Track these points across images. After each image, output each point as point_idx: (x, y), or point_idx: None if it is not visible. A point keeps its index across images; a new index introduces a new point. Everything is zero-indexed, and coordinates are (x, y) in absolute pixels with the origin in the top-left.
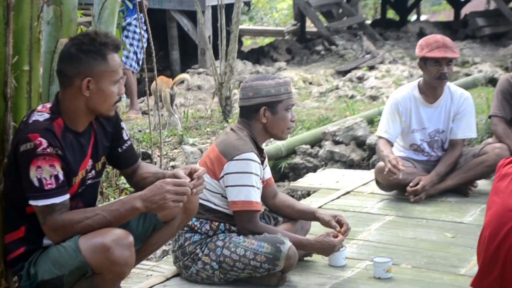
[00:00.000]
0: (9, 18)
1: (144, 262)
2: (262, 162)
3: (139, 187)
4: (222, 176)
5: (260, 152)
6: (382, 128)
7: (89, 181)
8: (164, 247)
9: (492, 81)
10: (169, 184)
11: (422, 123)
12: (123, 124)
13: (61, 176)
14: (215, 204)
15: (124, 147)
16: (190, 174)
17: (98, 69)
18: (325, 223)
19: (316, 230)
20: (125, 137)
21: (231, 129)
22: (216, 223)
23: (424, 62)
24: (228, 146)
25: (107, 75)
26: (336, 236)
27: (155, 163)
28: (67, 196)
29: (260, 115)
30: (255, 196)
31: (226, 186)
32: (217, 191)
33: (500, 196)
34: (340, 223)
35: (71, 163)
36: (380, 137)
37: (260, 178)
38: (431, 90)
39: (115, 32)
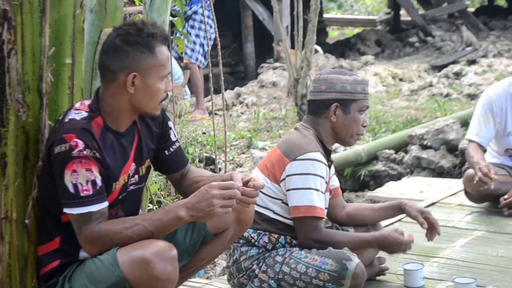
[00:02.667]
0: (45, 5)
1: (196, 279)
2: (329, 167)
3: (190, 193)
4: (284, 179)
5: (327, 154)
6: (473, 130)
7: (132, 187)
8: (223, 263)
9: None
10: (215, 188)
11: None
12: (170, 124)
13: (98, 182)
14: (274, 212)
15: (172, 149)
16: (247, 183)
17: (145, 64)
18: (411, 217)
19: None
20: (173, 138)
21: (295, 128)
22: (276, 236)
23: None
24: (291, 145)
25: (155, 70)
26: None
27: (220, 170)
28: (105, 204)
29: (331, 112)
30: (319, 201)
31: (288, 190)
32: (277, 196)
33: None
34: (428, 220)
35: (110, 167)
36: (470, 141)
37: (326, 182)
38: None
39: (168, 21)
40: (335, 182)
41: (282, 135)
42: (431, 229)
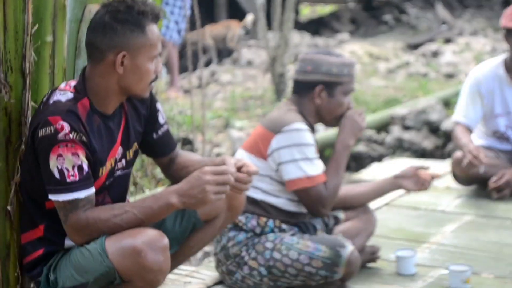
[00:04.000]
0: None
1: (181, 267)
2: None
3: (179, 178)
4: (271, 153)
5: (311, 130)
6: (460, 112)
7: (119, 172)
8: (205, 248)
9: None
10: (207, 174)
11: (508, 106)
12: (159, 106)
13: (85, 167)
14: (262, 191)
15: (160, 132)
16: (240, 168)
17: (135, 43)
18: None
19: (382, 232)
20: (162, 121)
21: (277, 107)
22: (264, 219)
23: (508, 33)
24: (273, 119)
25: (145, 49)
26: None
27: (197, 150)
28: (92, 190)
29: (315, 94)
30: (314, 168)
31: (279, 164)
32: (264, 173)
33: None
34: (423, 182)
35: (97, 151)
36: (457, 123)
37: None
38: None
39: None
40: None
41: (260, 114)
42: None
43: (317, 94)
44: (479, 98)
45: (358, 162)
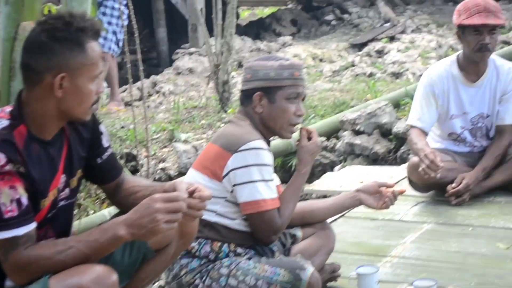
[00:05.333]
0: None
1: None
2: None
3: (126, 205)
4: (227, 174)
5: (268, 145)
6: (414, 115)
7: (62, 203)
8: (160, 282)
9: None
10: (158, 201)
11: (463, 107)
12: (102, 128)
13: (24, 200)
14: (216, 214)
15: (104, 157)
16: (192, 193)
17: (75, 62)
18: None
19: (340, 246)
20: (106, 144)
21: (230, 122)
22: (218, 244)
23: (462, 31)
24: (229, 137)
25: (86, 69)
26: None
27: (142, 166)
28: (32, 225)
29: (255, 102)
30: (270, 192)
31: (234, 185)
32: (219, 194)
33: None
34: (386, 201)
35: (38, 182)
36: (412, 126)
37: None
38: (472, 66)
39: (90, 10)
40: (276, 180)
41: (205, 125)
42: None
43: (257, 102)
44: (433, 99)
45: None
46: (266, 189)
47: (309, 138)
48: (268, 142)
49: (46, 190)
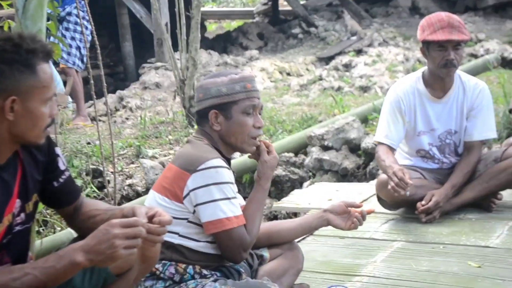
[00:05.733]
0: None
1: None
2: None
3: (85, 229)
4: (187, 194)
5: (228, 163)
6: (381, 131)
7: (18, 228)
8: None
9: (506, 63)
10: (116, 227)
11: (430, 123)
12: (58, 151)
13: None
14: (179, 235)
15: (61, 180)
16: (152, 218)
17: (26, 85)
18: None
19: (309, 265)
20: (62, 167)
21: (188, 142)
22: (183, 266)
23: (426, 47)
24: (188, 157)
25: (37, 92)
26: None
27: (109, 182)
28: None
29: (211, 121)
30: (234, 209)
31: (196, 205)
32: (181, 216)
33: None
34: (354, 221)
35: None
36: (379, 143)
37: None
38: (438, 82)
39: (44, 29)
40: (241, 200)
41: (172, 141)
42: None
43: (214, 120)
44: (400, 116)
45: (277, 186)
46: (229, 207)
47: (268, 152)
48: (229, 160)
49: (1, 215)
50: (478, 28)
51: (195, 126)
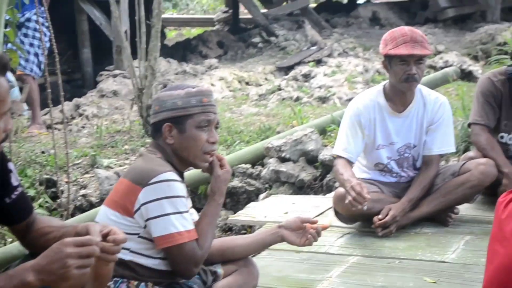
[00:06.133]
0: None
1: None
2: None
3: (37, 247)
4: (138, 209)
5: (181, 177)
6: (340, 145)
7: None
8: None
9: (464, 75)
10: (69, 246)
11: (390, 137)
12: (11, 166)
13: None
14: (130, 251)
15: (13, 196)
16: (106, 236)
17: None
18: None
19: (265, 281)
20: (15, 183)
21: (140, 155)
22: (135, 283)
23: (388, 61)
24: (139, 171)
25: None
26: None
27: (62, 192)
28: None
29: (165, 134)
30: (186, 223)
31: (147, 220)
32: (132, 231)
33: (505, 244)
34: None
35: None
36: (338, 156)
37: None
38: (399, 96)
39: (1, 38)
40: (195, 216)
41: (128, 151)
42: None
43: (167, 134)
44: (359, 129)
45: (233, 198)
46: (180, 221)
47: (220, 166)
48: (182, 174)
49: None
50: (438, 39)
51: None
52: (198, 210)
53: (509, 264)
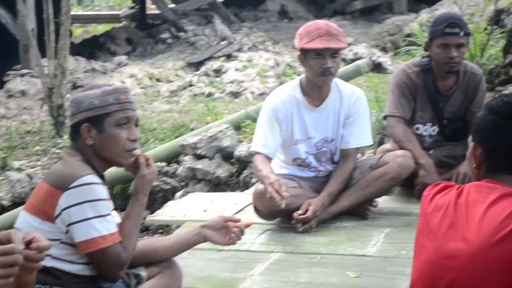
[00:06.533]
0: None
1: None
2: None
3: None
4: (59, 214)
5: (102, 179)
6: (258, 141)
7: None
8: None
9: (374, 67)
10: None
11: (307, 131)
12: None
13: None
14: (52, 257)
15: None
16: (29, 243)
17: None
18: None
19: (188, 282)
20: None
21: (60, 158)
22: None
23: (304, 55)
24: (59, 175)
25: None
26: None
27: None
28: None
29: (84, 135)
30: (109, 226)
31: (69, 225)
32: (53, 236)
33: (432, 238)
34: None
35: None
36: (256, 153)
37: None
38: (315, 90)
39: None
40: (117, 218)
41: (40, 152)
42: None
43: (86, 135)
44: (277, 124)
45: (149, 197)
46: (103, 224)
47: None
48: (102, 176)
49: None
50: (347, 32)
51: (64, 137)
52: (115, 210)
53: (436, 258)
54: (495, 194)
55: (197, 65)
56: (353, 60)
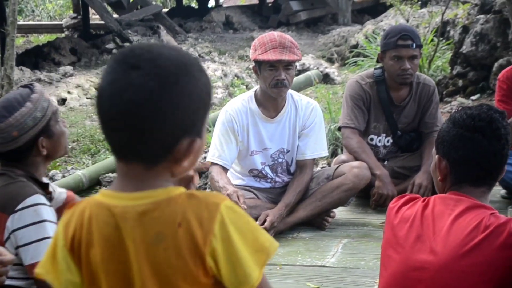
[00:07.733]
0: None
1: None
2: (50, 199)
3: None
4: (8, 237)
5: (44, 188)
6: (214, 152)
7: None
8: None
9: (322, 77)
10: None
11: (263, 142)
12: None
13: None
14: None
15: None
16: None
17: None
18: None
19: None
20: None
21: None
22: None
23: (258, 66)
24: (2, 197)
25: None
26: None
27: None
28: None
29: (39, 149)
30: None
31: (17, 247)
32: None
33: (399, 250)
34: None
35: None
36: (213, 164)
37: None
38: (270, 101)
39: None
40: None
41: None
42: None
43: (41, 147)
44: (233, 135)
45: None
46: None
47: None
48: (45, 185)
49: None
50: None
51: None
52: None
53: (404, 270)
54: (461, 207)
55: None
56: (300, 71)
